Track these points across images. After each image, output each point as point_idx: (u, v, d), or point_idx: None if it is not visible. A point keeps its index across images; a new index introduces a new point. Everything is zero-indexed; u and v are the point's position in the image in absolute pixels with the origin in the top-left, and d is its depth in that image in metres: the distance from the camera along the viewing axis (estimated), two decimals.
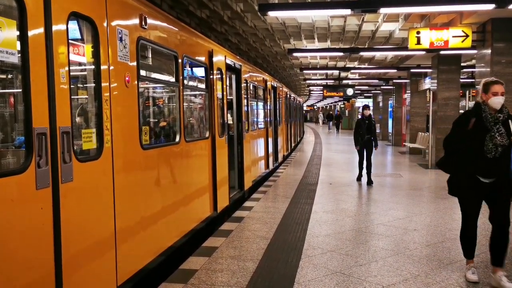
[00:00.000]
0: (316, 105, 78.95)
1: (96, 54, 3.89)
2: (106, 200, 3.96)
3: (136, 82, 4.54)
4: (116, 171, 4.08)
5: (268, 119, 13.47)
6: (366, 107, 11.47)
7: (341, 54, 20.32)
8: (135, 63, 4.52)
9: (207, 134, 7.06)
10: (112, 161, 4.01)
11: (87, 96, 4.02)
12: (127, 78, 4.35)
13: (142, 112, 5.02)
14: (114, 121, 4.06)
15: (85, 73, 4.05)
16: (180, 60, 5.76)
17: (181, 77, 5.83)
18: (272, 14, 8.82)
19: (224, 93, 8.02)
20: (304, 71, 25.83)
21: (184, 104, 6.08)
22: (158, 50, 5.48)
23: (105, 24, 3.98)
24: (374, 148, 11.22)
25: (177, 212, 5.68)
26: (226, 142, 8.11)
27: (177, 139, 5.80)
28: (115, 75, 4.14)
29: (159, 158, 5.22)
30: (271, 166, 13.35)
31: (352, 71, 22.80)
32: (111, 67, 4.07)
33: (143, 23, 4.71)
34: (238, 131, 9.43)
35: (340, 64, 24.14)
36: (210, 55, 7.16)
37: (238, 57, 9.66)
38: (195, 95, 7.54)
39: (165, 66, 6.12)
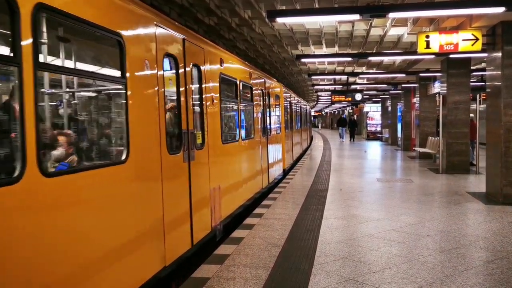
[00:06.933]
0: (324, 111, 79.05)
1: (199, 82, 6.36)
2: (207, 171, 6.40)
3: (218, 101, 7.09)
4: (210, 155, 6.49)
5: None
6: None
7: (349, 59, 20.31)
8: (218, 89, 7.06)
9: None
10: (208, 150, 6.41)
11: (199, 109, 6.26)
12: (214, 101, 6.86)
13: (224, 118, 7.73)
14: (207, 125, 6.47)
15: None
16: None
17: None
18: (280, 20, 8.81)
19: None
20: (312, 77, 25.83)
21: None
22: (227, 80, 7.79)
23: (203, 68, 6.43)
24: None
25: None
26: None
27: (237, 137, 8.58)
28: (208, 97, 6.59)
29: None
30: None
31: (360, 76, 22.75)
32: (207, 95, 6.55)
33: (222, 63, 7.17)
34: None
35: (348, 69, 24.12)
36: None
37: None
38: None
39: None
